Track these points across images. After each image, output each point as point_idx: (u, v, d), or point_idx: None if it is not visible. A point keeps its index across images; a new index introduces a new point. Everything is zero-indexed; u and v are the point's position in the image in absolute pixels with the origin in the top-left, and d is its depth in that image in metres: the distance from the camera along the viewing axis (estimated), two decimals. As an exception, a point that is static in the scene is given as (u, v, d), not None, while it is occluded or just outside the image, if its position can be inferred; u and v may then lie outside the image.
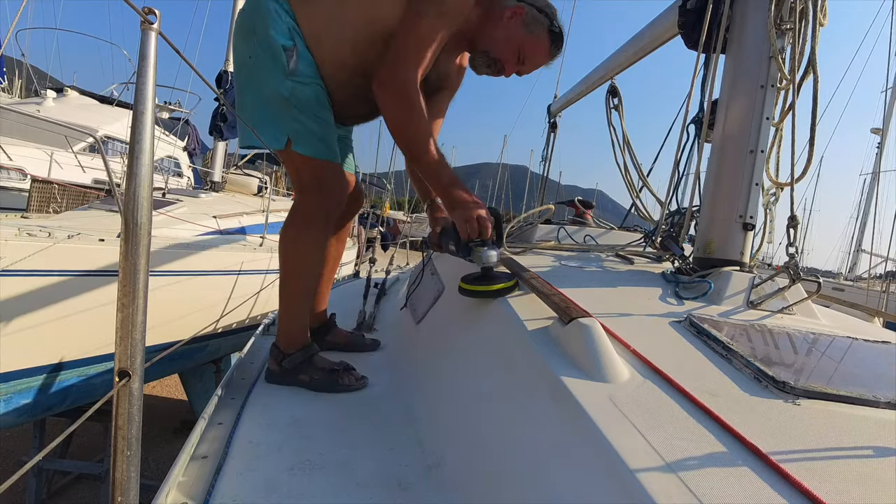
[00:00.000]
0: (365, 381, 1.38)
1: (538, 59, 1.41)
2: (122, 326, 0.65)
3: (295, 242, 1.35)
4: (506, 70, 1.41)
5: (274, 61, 1.23)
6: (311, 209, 1.34)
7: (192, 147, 9.96)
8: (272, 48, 1.22)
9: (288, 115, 1.26)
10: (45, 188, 4.91)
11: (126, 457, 0.68)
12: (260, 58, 1.25)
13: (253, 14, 1.26)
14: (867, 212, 15.81)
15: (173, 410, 4.53)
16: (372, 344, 1.72)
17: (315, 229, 1.35)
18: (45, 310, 2.42)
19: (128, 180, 0.64)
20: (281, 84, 1.23)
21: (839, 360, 1.00)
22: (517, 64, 1.40)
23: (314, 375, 1.33)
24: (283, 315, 1.38)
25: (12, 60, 12.80)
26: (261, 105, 1.28)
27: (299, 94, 1.25)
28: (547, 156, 3.48)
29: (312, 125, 1.28)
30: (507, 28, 1.34)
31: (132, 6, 0.62)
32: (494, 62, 1.40)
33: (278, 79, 1.23)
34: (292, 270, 1.36)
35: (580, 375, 0.79)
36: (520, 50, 1.37)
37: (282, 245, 1.36)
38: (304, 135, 1.27)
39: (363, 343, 1.71)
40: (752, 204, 1.38)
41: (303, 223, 1.35)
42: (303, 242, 1.35)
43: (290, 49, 1.22)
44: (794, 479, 0.56)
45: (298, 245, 1.35)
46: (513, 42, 1.36)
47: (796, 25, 1.31)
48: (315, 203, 1.33)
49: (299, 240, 1.35)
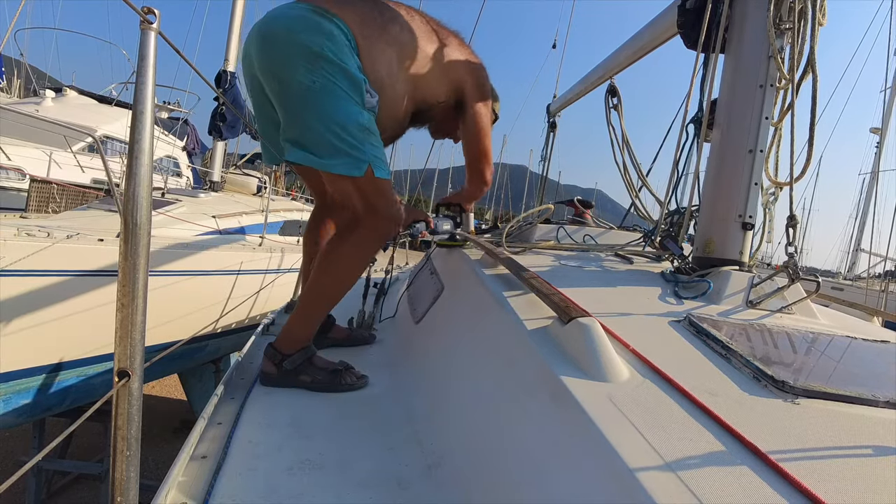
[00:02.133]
0: (366, 380, 1.38)
1: None
2: (121, 326, 0.65)
3: (351, 258, 1.37)
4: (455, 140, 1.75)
5: (354, 91, 1.23)
6: (379, 230, 1.37)
7: (191, 147, 9.96)
8: (353, 80, 1.23)
9: (368, 142, 1.27)
10: (44, 188, 4.91)
11: (125, 457, 0.68)
12: (335, 85, 1.21)
13: (318, 37, 1.21)
14: (866, 211, 15.82)
15: (173, 410, 4.53)
16: (371, 337, 1.81)
17: (373, 249, 1.40)
18: (45, 310, 2.42)
19: (127, 180, 0.64)
20: (360, 114, 1.25)
21: (838, 360, 1.00)
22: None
23: (316, 376, 1.33)
24: (299, 320, 1.38)
25: (11, 60, 12.78)
26: (334, 132, 1.23)
27: (373, 124, 1.30)
28: (546, 155, 3.48)
29: (383, 151, 1.34)
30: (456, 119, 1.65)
31: (131, 6, 0.62)
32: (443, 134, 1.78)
33: (356, 109, 1.25)
34: (335, 283, 1.37)
35: (580, 375, 0.79)
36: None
37: (335, 258, 1.35)
38: (382, 159, 1.32)
39: (363, 337, 1.78)
40: (751, 203, 1.38)
41: (366, 243, 1.37)
42: (358, 260, 1.39)
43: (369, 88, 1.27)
44: (794, 479, 0.56)
45: (354, 261, 1.38)
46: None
47: (795, 25, 1.31)
48: (384, 224, 1.36)
49: (355, 257, 1.37)
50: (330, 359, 1.40)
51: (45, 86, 9.32)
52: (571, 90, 3.02)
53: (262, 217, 4.35)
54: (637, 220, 2.18)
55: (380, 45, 1.30)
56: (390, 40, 1.33)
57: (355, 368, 1.39)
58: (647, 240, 1.76)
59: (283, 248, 4.24)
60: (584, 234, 1.95)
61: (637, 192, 2.14)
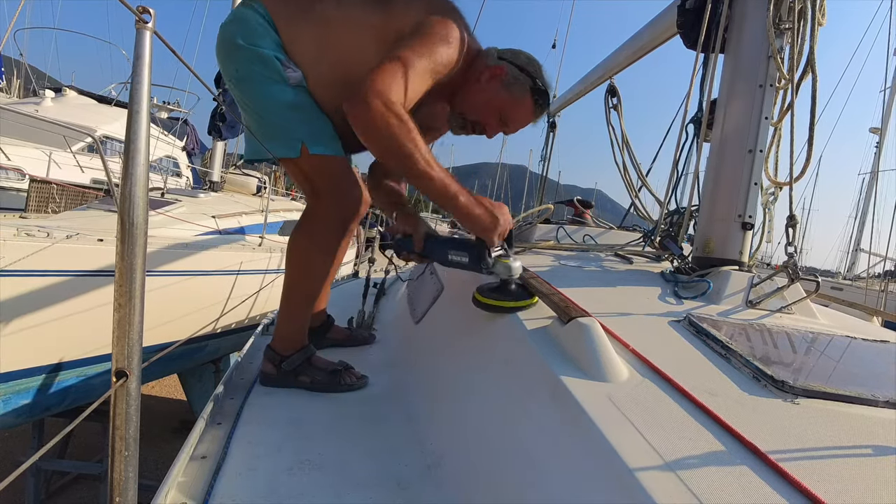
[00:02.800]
0: (365, 380, 1.37)
1: (520, 120, 1.35)
2: (118, 327, 0.65)
3: (307, 251, 1.29)
4: (487, 132, 1.34)
5: (270, 71, 1.17)
6: (328, 215, 1.27)
7: (190, 147, 9.96)
8: (263, 58, 1.17)
9: (296, 119, 1.20)
10: (44, 188, 4.91)
11: (124, 457, 0.68)
12: (250, 70, 1.19)
13: (235, 26, 1.20)
14: (866, 211, 15.83)
15: (172, 410, 4.52)
16: (371, 337, 1.78)
17: (330, 237, 1.29)
18: (44, 310, 2.41)
19: (123, 180, 0.64)
20: (283, 92, 1.18)
21: (838, 360, 1.00)
22: (499, 126, 1.34)
23: (315, 376, 1.32)
24: (283, 318, 1.35)
25: (10, 60, 12.78)
26: (264, 118, 1.22)
27: (303, 99, 1.21)
28: (546, 155, 3.48)
29: (322, 125, 1.23)
30: (485, 91, 1.27)
31: (126, 5, 0.62)
32: (472, 124, 1.33)
33: (277, 87, 1.18)
34: (301, 277, 1.32)
35: (579, 375, 0.79)
36: (500, 112, 1.31)
37: (292, 251, 1.30)
38: (318, 135, 1.22)
39: (363, 337, 1.76)
40: (750, 203, 1.38)
41: (317, 231, 1.28)
42: (316, 251, 1.29)
43: (286, 62, 1.18)
44: (793, 478, 0.56)
45: (311, 253, 1.30)
46: (492, 105, 1.29)
47: (795, 25, 1.31)
48: (332, 208, 1.26)
49: (312, 248, 1.29)
50: (330, 359, 1.39)
51: (45, 86, 9.33)
52: (571, 90, 3.02)
53: (262, 217, 4.35)
54: (637, 220, 2.18)
55: (301, 23, 1.20)
56: (315, 17, 1.21)
57: (355, 368, 1.38)
58: (646, 240, 1.76)
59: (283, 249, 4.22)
60: (584, 234, 1.96)
61: (637, 192, 2.14)
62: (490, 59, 1.29)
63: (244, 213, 4.42)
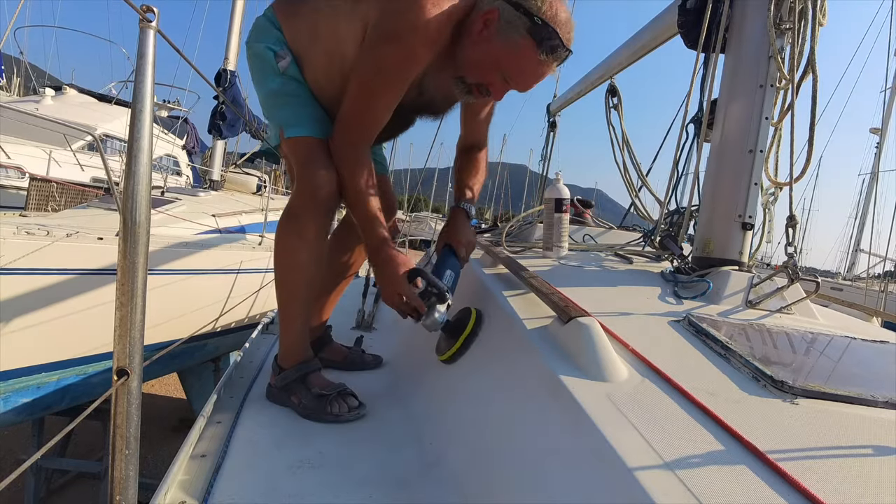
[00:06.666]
0: (360, 412, 1.18)
1: (525, 70, 1.11)
2: (120, 325, 0.65)
3: (283, 238, 1.20)
4: (493, 93, 1.16)
5: (264, 63, 1.23)
6: (299, 196, 1.19)
7: (191, 145, 9.94)
8: (260, 53, 1.23)
9: (278, 104, 1.24)
10: (44, 186, 4.91)
11: (125, 455, 0.68)
12: (253, 67, 1.27)
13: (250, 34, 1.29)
14: (866, 211, 15.83)
15: (172, 409, 4.53)
16: (373, 361, 1.53)
17: (306, 221, 1.17)
18: (44, 309, 2.42)
19: (126, 179, 0.64)
20: (272, 82, 1.23)
21: (837, 360, 1.01)
22: (504, 83, 1.13)
23: (303, 399, 1.18)
24: (280, 327, 1.26)
25: (11, 58, 12.74)
26: (264, 109, 1.31)
27: (289, 86, 1.22)
28: (546, 155, 3.49)
29: (304, 109, 1.22)
30: (478, 44, 1.09)
31: (130, 4, 0.62)
32: (474, 87, 1.15)
33: (269, 78, 1.23)
34: (284, 270, 1.22)
35: (579, 374, 0.79)
36: (499, 66, 1.10)
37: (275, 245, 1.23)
38: (296, 118, 1.21)
39: (363, 360, 1.52)
40: (750, 203, 1.38)
41: (291, 215, 1.19)
42: (295, 236, 1.18)
43: (281, 53, 1.22)
44: (792, 478, 0.56)
45: (288, 239, 1.19)
46: (489, 59, 1.09)
47: (796, 25, 1.31)
48: (302, 189, 1.17)
49: (289, 234, 1.19)
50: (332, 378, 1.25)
51: (45, 84, 9.33)
52: (571, 90, 3.02)
53: (262, 216, 4.35)
54: (637, 219, 2.18)
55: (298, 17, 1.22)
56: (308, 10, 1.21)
57: (356, 395, 1.21)
58: (646, 240, 1.76)
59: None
60: (584, 233, 1.96)
61: (637, 191, 2.14)
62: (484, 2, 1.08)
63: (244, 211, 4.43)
